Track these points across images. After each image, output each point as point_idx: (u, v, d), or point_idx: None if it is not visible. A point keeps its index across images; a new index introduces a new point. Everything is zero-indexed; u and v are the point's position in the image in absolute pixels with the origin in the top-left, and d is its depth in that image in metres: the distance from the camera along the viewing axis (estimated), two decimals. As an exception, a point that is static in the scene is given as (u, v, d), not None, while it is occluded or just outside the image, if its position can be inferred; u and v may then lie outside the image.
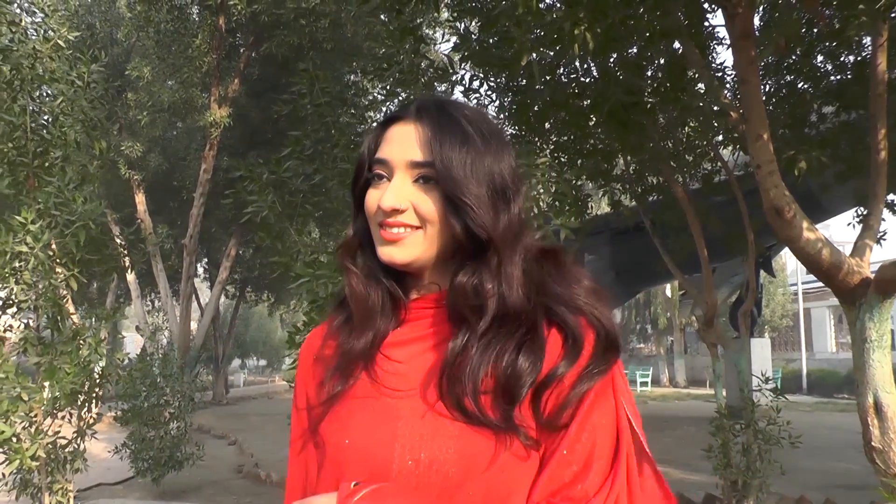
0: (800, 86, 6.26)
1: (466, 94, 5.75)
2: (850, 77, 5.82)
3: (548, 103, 5.80)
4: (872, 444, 3.63)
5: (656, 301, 29.03)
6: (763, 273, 12.81)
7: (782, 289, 27.45)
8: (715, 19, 37.69)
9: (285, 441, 0.98)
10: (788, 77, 6.30)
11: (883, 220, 4.35)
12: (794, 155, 4.58)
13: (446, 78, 4.85)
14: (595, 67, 5.87)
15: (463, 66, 5.56)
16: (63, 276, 3.89)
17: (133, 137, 14.03)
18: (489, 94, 6.20)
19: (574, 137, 6.55)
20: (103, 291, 19.56)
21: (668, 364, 28.73)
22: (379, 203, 0.83)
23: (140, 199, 14.97)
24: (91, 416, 4.15)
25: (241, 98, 13.45)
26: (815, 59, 6.02)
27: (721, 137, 6.54)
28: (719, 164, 6.72)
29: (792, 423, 5.10)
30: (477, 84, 5.83)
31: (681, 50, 5.29)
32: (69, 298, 4.29)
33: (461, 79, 5.74)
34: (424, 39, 4.55)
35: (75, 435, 4.07)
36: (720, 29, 6.09)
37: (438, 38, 13.32)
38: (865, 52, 5.57)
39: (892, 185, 5.35)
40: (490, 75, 5.93)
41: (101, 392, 4.18)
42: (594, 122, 6.14)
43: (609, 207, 7.89)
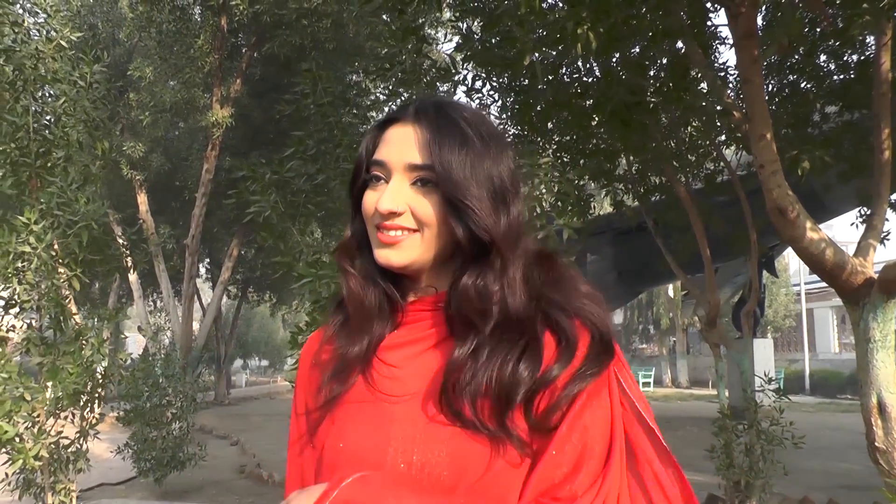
0: (803, 85, 6.25)
1: (469, 94, 5.74)
2: (853, 76, 5.80)
3: (550, 103, 5.79)
4: (876, 444, 3.63)
5: (659, 301, 29.01)
6: (766, 273, 12.79)
7: (785, 289, 27.42)
8: (718, 19, 37.67)
9: (287, 441, 0.98)
10: (791, 76, 6.28)
11: (886, 220, 4.35)
12: (798, 155, 4.57)
13: (448, 78, 4.86)
14: (598, 67, 5.86)
15: (465, 66, 5.55)
16: (66, 276, 3.90)
17: (135, 138, 14.06)
18: (491, 94, 6.19)
19: (576, 137, 6.54)
20: (105, 292, 19.60)
21: (671, 364, 28.71)
22: (376, 206, 0.83)
23: (142, 200, 15.00)
24: (94, 417, 4.16)
25: (243, 98, 13.46)
26: (819, 58, 6.01)
27: (724, 137, 6.52)
28: (722, 163, 6.71)
29: (795, 423, 5.10)
30: (479, 84, 5.82)
31: (683, 49, 5.29)
32: (72, 299, 4.29)
33: (463, 79, 5.74)
34: (427, 39, 4.54)
35: (78, 435, 4.07)
36: (723, 28, 6.10)
37: (441, 38, 13.32)
38: (869, 52, 5.56)
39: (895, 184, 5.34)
40: (492, 75, 5.91)
41: (104, 392, 4.19)
42: (597, 122, 6.14)
43: (611, 207, 7.88)
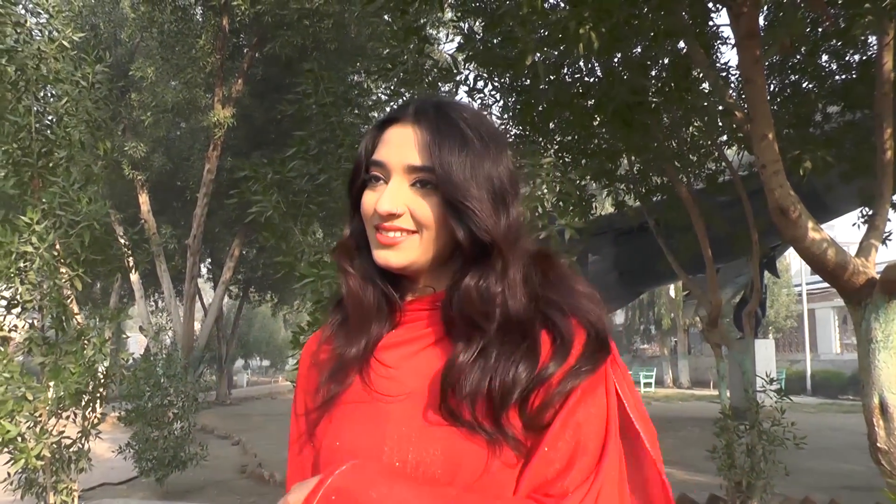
0: (805, 85, 6.25)
1: (470, 94, 5.74)
2: (855, 76, 5.80)
3: (552, 103, 5.79)
4: (878, 445, 3.63)
5: (660, 301, 28.96)
6: (767, 274, 12.78)
7: (786, 289, 27.38)
8: (719, 19, 37.65)
9: (288, 441, 0.98)
10: (793, 76, 6.28)
11: (888, 220, 4.34)
12: (800, 155, 4.57)
13: (450, 78, 4.86)
14: (599, 67, 5.87)
15: (467, 66, 5.56)
16: (67, 276, 3.90)
17: (137, 138, 14.06)
18: (493, 94, 6.19)
19: (578, 137, 6.54)
20: (107, 292, 19.62)
21: (672, 365, 28.69)
22: (375, 207, 0.83)
23: (144, 200, 15.00)
24: (95, 416, 4.16)
25: (244, 98, 13.46)
26: (821, 58, 6.01)
27: (726, 137, 6.52)
28: (724, 163, 6.71)
29: (796, 424, 5.09)
30: (481, 84, 5.83)
31: (685, 49, 5.29)
32: (73, 298, 4.29)
33: (465, 79, 5.75)
34: (428, 39, 4.55)
35: (80, 435, 4.07)
36: (725, 28, 6.09)
37: (442, 38, 13.32)
38: (871, 52, 5.55)
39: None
40: (494, 75, 5.92)
41: (106, 392, 4.19)
42: (598, 122, 6.14)
43: (613, 207, 7.89)
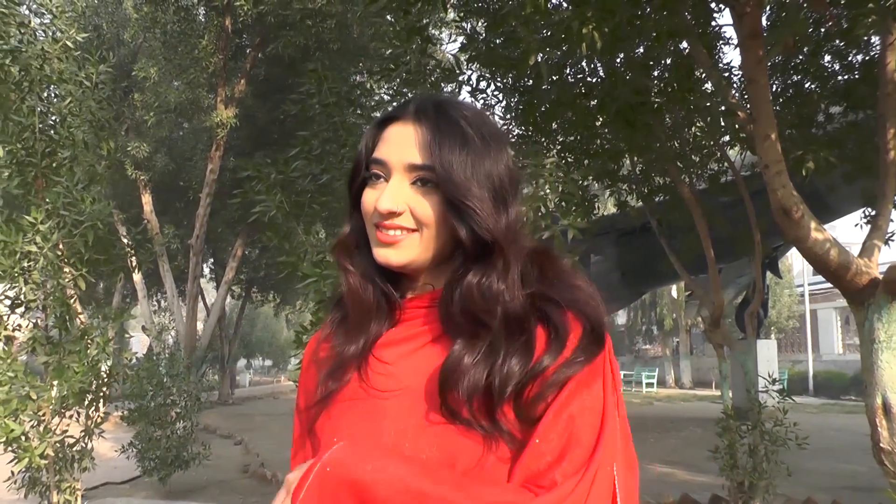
0: (807, 85, 6.24)
1: (473, 94, 5.75)
2: (858, 77, 5.79)
3: (555, 103, 5.79)
4: (881, 445, 3.62)
5: (662, 302, 28.94)
6: (769, 274, 12.78)
7: (789, 290, 27.33)
8: (722, 19, 37.61)
9: (290, 441, 1.00)
10: (796, 77, 6.27)
11: (891, 220, 4.34)
12: (802, 155, 4.57)
13: (453, 78, 4.85)
14: (602, 67, 5.87)
15: (470, 66, 5.56)
16: (71, 275, 3.91)
17: (140, 138, 14.09)
18: (496, 94, 6.19)
19: (581, 137, 6.54)
20: (110, 291, 19.64)
21: (674, 365, 28.68)
22: (376, 205, 0.83)
23: (147, 200, 15.03)
24: (98, 416, 4.16)
25: (247, 99, 13.48)
26: (823, 58, 6.00)
27: (728, 137, 6.51)
28: (726, 164, 6.71)
29: (798, 424, 5.08)
30: (484, 84, 5.84)
31: (688, 50, 5.29)
32: (77, 298, 4.30)
33: (468, 79, 5.75)
34: (431, 40, 4.54)
35: (83, 434, 4.08)
36: (728, 28, 6.10)
37: (445, 38, 13.31)
38: (874, 52, 5.54)
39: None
40: (497, 75, 5.92)
41: (109, 391, 4.19)
42: (601, 123, 6.14)
43: (615, 208, 7.89)
